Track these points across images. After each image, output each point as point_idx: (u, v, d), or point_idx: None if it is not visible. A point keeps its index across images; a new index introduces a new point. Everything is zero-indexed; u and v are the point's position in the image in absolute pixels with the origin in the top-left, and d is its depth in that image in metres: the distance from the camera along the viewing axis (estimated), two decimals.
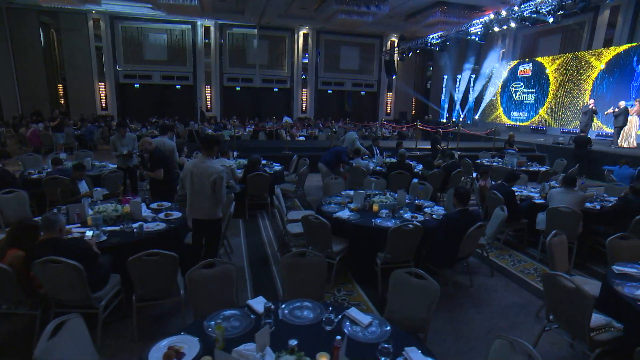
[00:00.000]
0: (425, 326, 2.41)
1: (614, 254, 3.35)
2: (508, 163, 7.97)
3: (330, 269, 3.82)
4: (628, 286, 2.65)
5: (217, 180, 3.39)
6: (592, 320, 2.60)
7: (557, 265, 3.29)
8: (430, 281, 2.41)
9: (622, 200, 4.43)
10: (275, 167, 6.73)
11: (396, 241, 3.53)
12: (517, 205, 4.86)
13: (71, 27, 18.22)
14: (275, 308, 2.27)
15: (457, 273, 4.17)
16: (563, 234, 3.43)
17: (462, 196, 3.56)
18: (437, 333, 3.12)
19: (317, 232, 3.72)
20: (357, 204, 4.32)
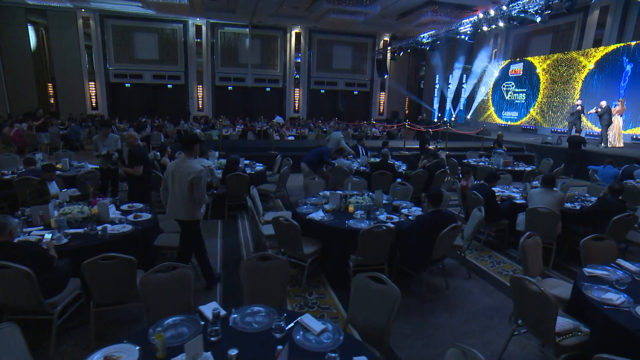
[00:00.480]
0: (386, 333, 2.32)
1: (587, 256, 3.29)
2: (494, 163, 7.92)
3: (302, 272, 3.76)
4: (596, 289, 2.58)
5: (195, 180, 3.35)
6: (559, 325, 2.54)
7: (530, 267, 3.22)
8: (391, 286, 2.33)
9: (601, 201, 4.38)
10: (257, 167, 6.64)
11: (367, 243, 3.45)
12: (497, 205, 4.79)
13: (60, 26, 18.02)
14: (228, 314, 2.19)
15: (433, 275, 4.10)
16: (537, 235, 3.36)
17: (434, 197, 3.49)
18: (407, 338, 3.05)
19: (287, 234, 3.64)
20: (333, 204, 4.24)
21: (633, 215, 4.11)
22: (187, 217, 3.52)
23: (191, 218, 3.54)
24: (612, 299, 2.43)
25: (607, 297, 2.46)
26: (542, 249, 3.37)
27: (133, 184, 5.10)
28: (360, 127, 12.08)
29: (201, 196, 3.44)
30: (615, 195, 4.30)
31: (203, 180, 3.42)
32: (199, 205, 3.53)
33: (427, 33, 14.46)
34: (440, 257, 3.68)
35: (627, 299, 2.46)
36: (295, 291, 3.73)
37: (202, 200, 3.50)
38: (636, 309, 2.32)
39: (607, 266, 2.98)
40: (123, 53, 19.44)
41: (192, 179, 3.35)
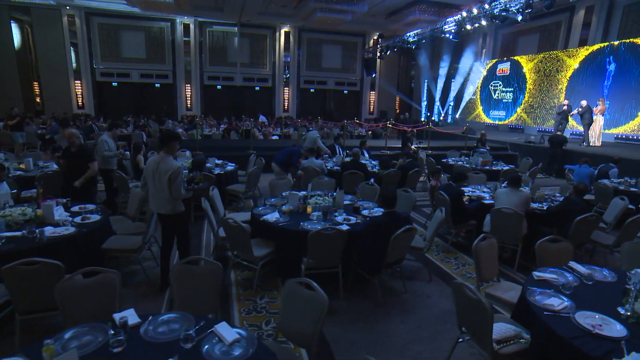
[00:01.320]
0: (313, 341, 2.20)
1: (542, 258, 3.19)
2: (472, 162, 7.83)
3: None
4: (540, 294, 2.47)
5: (172, 176, 3.41)
6: (502, 331, 2.45)
7: (483, 271, 3.12)
8: (319, 293, 2.21)
9: (566, 201, 4.29)
10: (228, 167, 6.50)
11: (317, 246, 3.33)
12: (464, 206, 4.69)
13: (45, 23, 17.75)
14: (142, 322, 2.06)
15: (393, 278, 3.99)
16: (493, 237, 3.26)
17: (387, 198, 3.38)
18: (352, 345, 2.93)
19: (236, 236, 3.52)
20: (291, 205, 4.12)
21: (596, 215, 4.02)
22: (170, 212, 3.58)
23: (174, 212, 3.59)
24: (554, 305, 2.32)
25: (548, 303, 2.35)
26: (498, 251, 3.27)
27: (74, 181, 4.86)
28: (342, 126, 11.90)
29: (178, 192, 3.48)
30: (580, 195, 4.21)
31: (180, 176, 3.45)
32: (177, 200, 3.56)
33: (413, 32, 14.36)
34: (396, 260, 3.56)
35: (570, 304, 2.35)
36: (247, 295, 3.61)
37: (179, 195, 3.52)
38: (576, 315, 2.22)
39: (558, 269, 2.88)
40: (110, 51, 19.21)
41: (170, 174, 3.41)
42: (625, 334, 2.06)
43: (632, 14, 13.09)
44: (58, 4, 17.08)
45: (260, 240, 3.83)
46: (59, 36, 17.94)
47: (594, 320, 2.18)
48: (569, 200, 4.23)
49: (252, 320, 3.22)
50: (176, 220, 3.66)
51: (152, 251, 4.23)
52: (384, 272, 4.00)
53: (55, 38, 17.93)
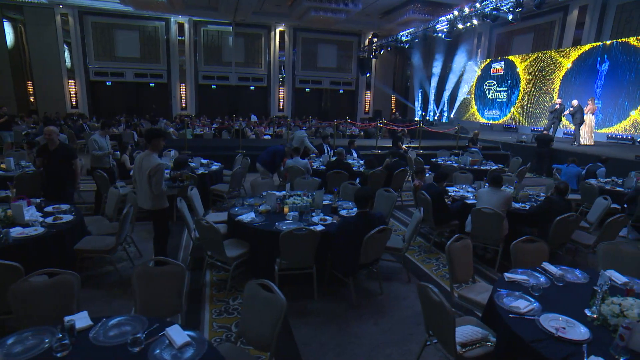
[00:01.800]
0: (272, 346, 2.15)
1: (517, 259, 3.15)
2: (461, 162, 7.78)
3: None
4: (507, 295, 2.43)
5: (151, 172, 3.48)
6: (468, 334, 2.40)
7: (457, 272, 3.06)
8: (277, 295, 2.16)
9: (546, 201, 4.24)
10: (212, 167, 6.44)
11: (289, 246, 3.28)
12: (446, 206, 4.64)
13: (38, 22, 17.64)
14: (94, 325, 2.00)
15: (371, 279, 3.94)
16: (468, 238, 3.21)
17: (360, 198, 3.33)
18: (321, 347, 2.88)
19: (208, 236, 3.46)
20: (268, 205, 4.07)
21: (576, 215, 3.97)
22: (151, 207, 3.66)
23: (154, 207, 3.66)
24: (519, 307, 2.27)
25: (514, 305, 2.30)
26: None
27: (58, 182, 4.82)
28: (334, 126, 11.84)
29: (157, 188, 3.53)
30: (561, 195, 4.16)
31: (159, 174, 3.49)
32: (158, 196, 3.59)
33: (406, 31, 14.31)
34: (372, 260, 3.51)
35: (537, 306, 2.31)
36: (220, 296, 3.55)
37: (159, 192, 3.56)
38: (540, 317, 2.17)
39: (531, 270, 2.84)
40: (103, 51, 19.11)
41: (150, 171, 3.48)
42: (588, 336, 2.02)
43: (624, 14, 13.07)
44: (51, 3, 16.98)
45: (235, 240, 3.78)
46: (52, 35, 17.84)
47: (558, 322, 2.13)
48: (549, 200, 4.18)
49: (222, 321, 3.16)
50: (157, 217, 3.72)
51: (128, 252, 4.17)
52: (361, 273, 3.96)
53: (49, 37, 17.82)
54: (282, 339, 2.97)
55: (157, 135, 3.67)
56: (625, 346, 1.94)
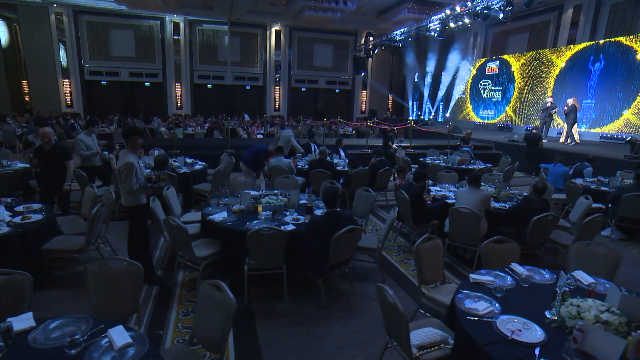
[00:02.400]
0: (221, 346, 2.10)
1: (487, 259, 3.10)
2: (449, 161, 7.73)
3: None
4: (469, 297, 2.38)
5: (120, 169, 3.51)
6: (428, 336, 2.35)
7: (425, 273, 3.01)
8: (227, 295, 2.11)
9: (524, 200, 4.19)
10: (196, 166, 6.39)
11: (257, 246, 3.23)
12: (425, 205, 4.58)
13: (32, 21, 17.56)
14: (36, 326, 1.96)
15: (344, 280, 3.88)
16: (438, 238, 3.15)
17: (328, 197, 3.28)
18: (284, 348, 2.84)
19: (177, 236, 3.42)
20: (242, 205, 4.02)
21: (553, 215, 3.92)
22: (125, 203, 3.65)
23: (127, 204, 3.63)
24: (478, 309, 2.22)
25: (473, 307, 2.25)
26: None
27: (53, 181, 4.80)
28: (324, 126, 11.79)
29: (126, 186, 3.51)
30: (539, 194, 4.11)
31: (127, 172, 3.47)
32: (128, 193, 3.55)
33: (400, 30, 14.25)
34: (342, 261, 3.46)
35: (496, 308, 2.26)
36: (189, 296, 3.51)
37: (128, 189, 3.53)
38: (498, 319, 2.12)
39: (499, 271, 2.79)
40: (98, 50, 19.04)
41: (119, 168, 3.52)
42: (542, 339, 1.97)
43: (618, 13, 13.02)
44: (45, 2, 16.93)
45: (207, 240, 3.74)
46: (46, 34, 17.76)
47: (515, 325, 2.09)
48: (526, 200, 4.13)
49: (188, 322, 3.12)
50: (132, 214, 3.69)
51: (102, 251, 4.12)
52: (335, 273, 3.91)
53: (43, 36, 17.75)
54: (246, 340, 2.92)
55: (133, 132, 3.65)
56: (578, 348, 1.90)
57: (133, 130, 3.69)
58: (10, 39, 17.91)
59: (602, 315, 2.00)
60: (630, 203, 5.01)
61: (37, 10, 17.41)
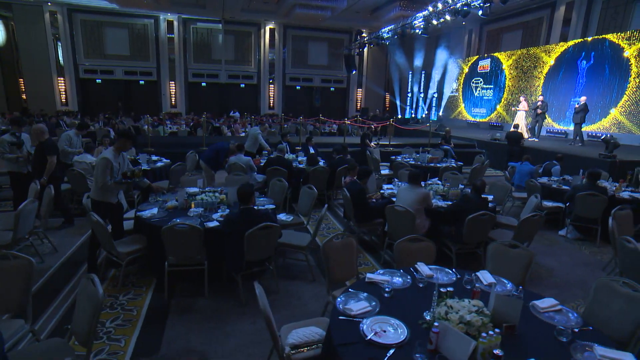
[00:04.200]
0: (87, 342, 2.09)
1: (401, 258, 3.04)
2: (419, 159, 7.64)
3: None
4: (352, 296, 2.33)
5: (96, 164, 3.73)
6: (306, 335, 2.34)
7: (334, 272, 2.97)
8: (97, 289, 2.09)
9: (461, 199, 4.11)
10: (158, 164, 6.40)
11: (173, 242, 3.23)
12: (367, 203, 4.53)
13: (27, 20, 17.75)
14: None
15: (273, 277, 3.84)
16: (352, 236, 3.11)
17: (241, 195, 3.25)
18: (184, 345, 2.83)
19: (99, 231, 3.42)
20: (176, 201, 4.02)
21: (489, 214, 3.84)
22: (92, 196, 3.76)
23: (94, 197, 3.73)
24: (352, 309, 2.18)
25: (348, 307, 2.20)
26: (356, 250, 3.11)
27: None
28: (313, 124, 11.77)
29: (100, 181, 3.62)
30: (478, 193, 4.03)
31: (101, 167, 3.59)
32: (102, 189, 3.65)
33: (387, 28, 14.14)
34: (263, 258, 3.43)
35: (374, 309, 2.21)
36: (112, 291, 3.51)
37: (99, 184, 3.63)
38: (367, 320, 2.07)
39: (403, 270, 2.74)
40: (93, 48, 19.20)
41: (96, 163, 3.77)
42: (402, 340, 1.91)
43: (610, 10, 12.77)
44: (40, 0, 17.10)
45: (136, 236, 3.75)
46: (41, 33, 17.94)
47: (382, 326, 2.04)
48: (464, 199, 4.05)
49: (101, 316, 3.11)
50: (97, 209, 3.69)
51: (36, 247, 4.14)
52: (262, 270, 3.88)
53: (38, 34, 17.92)
54: (151, 335, 2.92)
55: (124, 135, 3.85)
56: (434, 349, 1.85)
57: (125, 134, 3.88)
58: (7, 38, 18.15)
59: (467, 316, 1.95)
60: (584, 202, 4.90)
61: (32, 9, 17.60)
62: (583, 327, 2.10)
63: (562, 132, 12.95)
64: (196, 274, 3.53)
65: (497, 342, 1.79)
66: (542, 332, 2.05)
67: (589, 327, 2.10)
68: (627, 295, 2.34)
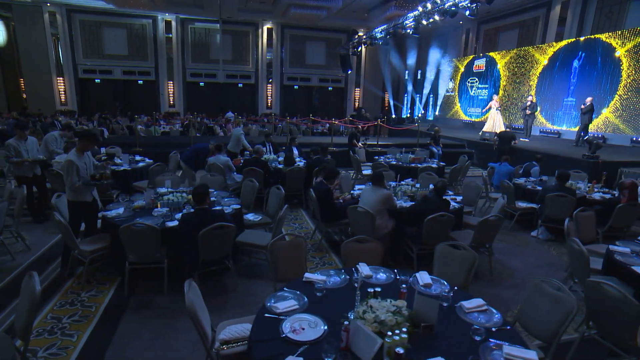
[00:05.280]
0: (25, 336, 2.18)
1: (347, 259, 3.11)
2: (401, 160, 7.68)
3: None
4: (285, 293, 2.41)
5: (63, 166, 3.83)
6: (238, 331, 2.40)
7: (279, 271, 3.04)
8: (34, 285, 2.18)
9: (422, 200, 4.16)
10: (139, 164, 6.51)
11: (130, 240, 3.32)
12: (333, 204, 4.60)
13: (26, 20, 17.95)
14: None
15: (232, 276, 3.90)
16: (301, 237, 3.18)
17: (195, 195, 3.34)
18: (133, 341, 2.92)
19: (62, 230, 3.53)
20: (143, 201, 4.12)
21: (448, 215, 3.88)
22: (67, 197, 3.89)
23: (68, 198, 3.87)
24: (278, 307, 2.25)
25: (275, 305, 2.28)
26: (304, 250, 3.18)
27: None
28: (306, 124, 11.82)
29: (68, 183, 3.75)
30: (438, 194, 4.08)
31: (67, 168, 3.72)
32: (72, 190, 3.79)
33: (380, 28, 14.16)
34: (217, 257, 3.52)
35: (301, 307, 2.29)
36: (76, 288, 3.63)
37: (71, 186, 3.76)
38: (290, 318, 2.15)
39: (344, 270, 2.81)
40: (92, 48, 19.37)
41: (62, 166, 3.86)
42: (315, 337, 1.98)
43: (605, 9, 12.68)
44: (39, 1, 17.31)
45: (100, 235, 3.85)
46: (40, 33, 18.13)
47: (302, 323, 2.11)
48: (424, 200, 4.10)
49: (59, 312, 3.24)
50: (70, 208, 3.88)
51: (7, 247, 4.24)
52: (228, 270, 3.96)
53: (37, 35, 18.12)
54: (103, 331, 3.01)
55: (83, 136, 3.94)
56: (344, 347, 1.91)
57: (84, 135, 3.97)
58: (9, 38, 18.40)
59: (382, 315, 2.01)
60: (553, 203, 4.93)
61: (32, 9, 17.81)
62: (502, 326, 2.16)
63: (554, 132, 12.89)
64: (159, 272, 3.62)
65: (404, 341, 1.85)
66: (459, 332, 2.11)
67: (506, 327, 2.16)
68: (553, 296, 2.39)
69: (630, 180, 4.59)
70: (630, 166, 7.50)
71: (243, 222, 4.29)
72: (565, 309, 2.28)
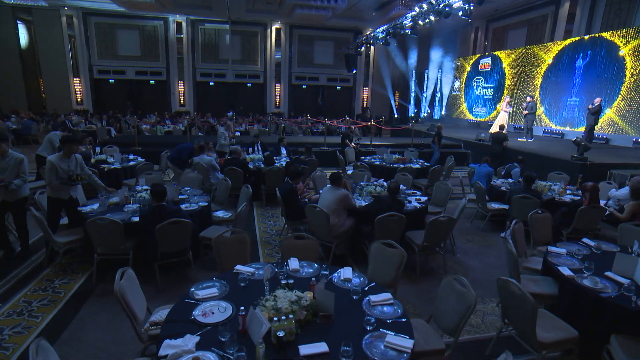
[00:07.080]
0: None
1: (285, 254, 3.32)
2: (386, 160, 7.81)
3: None
4: (209, 285, 2.65)
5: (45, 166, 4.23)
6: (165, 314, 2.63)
7: (226, 264, 3.27)
8: None
9: (374, 199, 4.32)
10: (130, 163, 6.88)
11: (96, 234, 3.63)
12: (297, 203, 4.81)
13: (45, 23, 18.86)
14: None
15: (191, 268, 4.15)
16: (244, 232, 3.41)
17: (153, 193, 3.61)
18: (89, 324, 3.22)
19: (38, 223, 3.87)
20: (117, 198, 4.44)
21: (398, 215, 4.03)
22: (47, 193, 4.29)
23: (48, 194, 4.29)
24: (199, 294, 2.50)
25: (197, 292, 2.53)
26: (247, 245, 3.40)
27: None
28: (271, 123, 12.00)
29: (46, 181, 4.18)
30: (392, 194, 4.23)
31: (47, 169, 4.15)
32: (49, 187, 4.20)
33: (381, 28, 14.21)
34: (177, 250, 3.79)
35: (220, 294, 2.52)
36: (51, 275, 3.98)
37: (48, 184, 4.17)
38: (205, 304, 2.39)
39: (275, 263, 3.02)
40: (106, 49, 20.16)
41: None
42: (220, 320, 2.22)
43: (614, 6, 12.36)
44: (56, 5, 18.15)
45: (76, 228, 4.20)
46: (58, 35, 19.03)
47: (214, 308, 2.35)
48: (377, 199, 4.26)
49: (31, 297, 3.58)
50: (48, 204, 4.25)
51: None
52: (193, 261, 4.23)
53: (55, 37, 19.02)
54: (67, 314, 3.33)
55: (67, 141, 4.28)
56: (242, 330, 2.14)
57: (66, 140, 4.32)
58: (30, 41, 19.39)
59: (279, 304, 2.23)
60: (518, 204, 4.99)
61: (50, 13, 18.70)
62: (397, 319, 2.33)
63: (558, 133, 12.66)
64: (126, 262, 3.92)
65: (291, 326, 2.06)
66: (355, 322, 2.29)
67: (402, 320, 2.32)
68: (458, 292, 2.54)
69: (591, 183, 4.60)
70: (620, 168, 7.38)
71: (211, 219, 4.56)
72: (466, 304, 2.44)
